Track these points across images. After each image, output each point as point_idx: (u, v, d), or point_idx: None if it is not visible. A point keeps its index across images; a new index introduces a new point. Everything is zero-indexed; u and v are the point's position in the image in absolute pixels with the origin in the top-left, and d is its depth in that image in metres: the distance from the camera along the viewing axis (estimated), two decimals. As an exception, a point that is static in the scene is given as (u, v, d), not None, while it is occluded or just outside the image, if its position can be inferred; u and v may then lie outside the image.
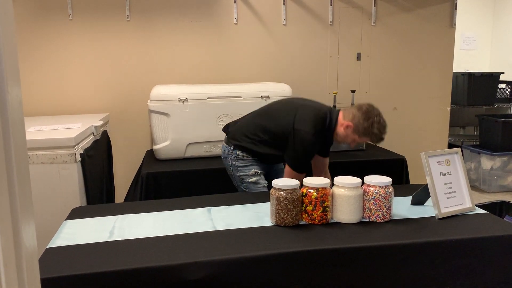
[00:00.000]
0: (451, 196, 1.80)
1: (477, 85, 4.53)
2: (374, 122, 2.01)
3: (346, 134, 2.09)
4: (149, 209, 1.89)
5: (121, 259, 1.42)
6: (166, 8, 3.30)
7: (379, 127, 2.01)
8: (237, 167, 2.27)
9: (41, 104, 3.23)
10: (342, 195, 1.68)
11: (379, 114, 2.05)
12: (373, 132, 2.02)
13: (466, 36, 5.34)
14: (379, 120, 2.02)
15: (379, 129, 2.02)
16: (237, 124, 2.37)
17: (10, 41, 0.58)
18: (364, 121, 2.02)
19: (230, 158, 2.28)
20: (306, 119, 2.11)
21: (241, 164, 2.26)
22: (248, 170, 2.25)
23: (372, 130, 2.01)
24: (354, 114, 2.06)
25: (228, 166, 2.32)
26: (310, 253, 1.47)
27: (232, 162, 2.28)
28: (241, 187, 2.30)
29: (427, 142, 3.80)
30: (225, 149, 2.33)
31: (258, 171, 2.24)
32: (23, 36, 3.14)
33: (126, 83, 3.33)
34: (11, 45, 0.58)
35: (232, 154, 2.27)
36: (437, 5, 3.70)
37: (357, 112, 2.05)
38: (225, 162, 2.34)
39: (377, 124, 2.01)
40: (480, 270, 1.57)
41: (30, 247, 0.60)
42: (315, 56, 3.56)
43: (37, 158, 2.21)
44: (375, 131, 2.01)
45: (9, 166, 0.55)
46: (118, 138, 3.34)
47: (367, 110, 2.04)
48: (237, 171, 2.27)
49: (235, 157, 2.26)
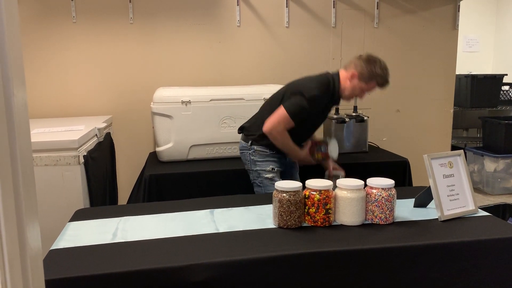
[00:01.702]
0: (454, 199, 1.79)
1: (480, 87, 4.53)
2: (376, 63, 2.12)
3: (353, 85, 2.15)
4: (152, 211, 1.89)
5: (124, 261, 1.42)
6: (169, 10, 3.31)
7: (382, 67, 2.12)
8: (255, 162, 2.31)
9: (45, 106, 3.25)
10: (345, 197, 1.68)
11: (378, 57, 2.17)
12: (378, 73, 2.11)
13: (469, 38, 5.33)
14: (380, 62, 2.14)
15: (382, 69, 2.12)
16: (251, 119, 2.43)
17: (15, 45, 0.58)
18: (367, 65, 2.12)
19: (248, 153, 2.33)
20: (312, 86, 2.19)
21: (259, 159, 2.30)
22: (266, 166, 2.29)
23: (376, 71, 2.10)
24: (355, 63, 2.17)
25: (246, 161, 2.37)
26: (312, 255, 1.47)
27: (250, 156, 2.32)
28: (256, 181, 2.34)
29: (430, 144, 3.80)
30: (242, 145, 2.38)
31: (275, 168, 2.29)
32: (27, 39, 3.16)
33: (129, 85, 3.34)
34: (16, 48, 0.58)
35: (250, 149, 2.32)
36: (440, 7, 3.70)
37: (358, 60, 2.16)
38: (243, 157, 2.39)
39: (379, 64, 2.12)
40: (484, 272, 1.57)
41: (34, 248, 0.61)
42: (318, 58, 3.57)
43: (40, 160, 2.23)
44: (378, 71, 2.11)
45: (14, 168, 0.56)
46: (121, 140, 3.35)
47: (367, 56, 2.16)
48: (255, 166, 2.31)
49: (254, 152, 2.31)
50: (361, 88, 2.15)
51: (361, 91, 2.17)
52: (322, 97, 2.19)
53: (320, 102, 2.20)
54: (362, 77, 2.13)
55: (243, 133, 2.42)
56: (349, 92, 2.20)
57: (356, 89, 2.16)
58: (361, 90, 2.16)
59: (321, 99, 2.19)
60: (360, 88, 2.15)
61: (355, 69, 2.14)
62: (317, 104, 2.21)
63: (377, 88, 2.21)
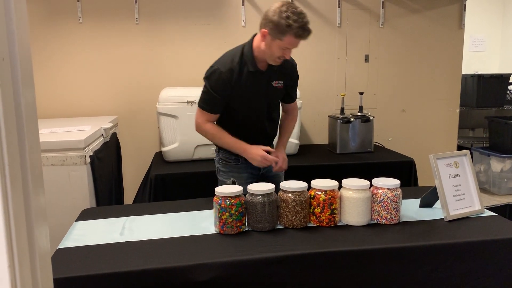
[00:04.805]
0: (460, 199, 1.79)
1: (486, 87, 4.50)
2: (282, 11, 1.79)
3: (269, 46, 1.86)
4: (157, 210, 1.90)
5: (130, 260, 1.43)
6: (174, 11, 3.32)
7: (290, 12, 1.77)
8: (220, 171, 2.17)
9: (51, 106, 3.27)
10: (350, 198, 1.68)
11: (286, 2, 1.83)
12: (288, 23, 1.77)
13: (475, 38, 5.30)
14: (287, 8, 1.79)
15: (292, 14, 1.77)
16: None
17: (24, 46, 0.59)
18: (273, 16, 1.81)
19: (215, 160, 2.20)
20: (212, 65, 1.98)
21: (223, 169, 2.14)
22: (227, 178, 2.10)
23: (288, 22, 1.77)
24: (262, 22, 1.87)
25: (216, 168, 2.22)
26: (318, 255, 1.47)
27: (216, 164, 2.19)
28: None
29: (436, 144, 3.78)
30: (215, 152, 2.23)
31: (236, 182, 1.98)
32: (34, 39, 3.18)
33: (135, 86, 3.35)
34: (25, 50, 0.59)
35: (217, 157, 2.18)
36: (446, 6, 3.69)
37: (264, 16, 1.86)
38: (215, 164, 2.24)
39: (286, 11, 1.77)
40: (489, 273, 1.56)
41: (43, 247, 0.62)
42: (323, 58, 3.56)
43: (47, 160, 2.24)
44: (290, 21, 1.77)
45: (23, 168, 0.56)
46: (127, 140, 3.37)
47: (272, 8, 1.84)
48: (219, 175, 2.17)
49: (219, 159, 2.16)
50: (279, 46, 1.84)
51: (280, 50, 1.86)
52: (226, 72, 1.92)
53: (225, 77, 1.93)
54: (273, 33, 1.82)
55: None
56: (268, 55, 1.90)
57: (273, 50, 1.86)
58: (279, 49, 1.85)
59: (223, 74, 1.92)
60: (278, 47, 1.84)
61: (265, 27, 1.84)
62: (222, 82, 1.93)
63: (297, 40, 1.86)
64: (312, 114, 3.55)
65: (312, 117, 3.57)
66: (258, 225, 1.64)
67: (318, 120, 3.57)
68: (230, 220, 1.61)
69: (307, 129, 3.60)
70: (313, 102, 3.52)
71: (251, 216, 1.65)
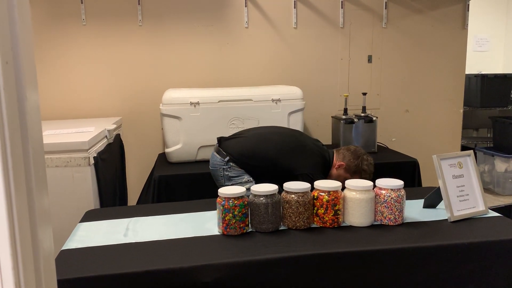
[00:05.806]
0: (463, 199, 1.78)
1: (490, 87, 4.48)
2: (363, 159, 2.22)
3: (339, 174, 2.23)
4: (161, 211, 1.91)
5: (134, 261, 1.43)
6: (177, 12, 3.33)
7: (368, 164, 2.22)
8: (230, 177, 2.26)
9: (55, 108, 3.28)
10: (354, 198, 1.68)
11: (366, 153, 2.27)
12: (363, 169, 2.20)
13: (479, 38, 5.28)
14: (367, 158, 2.24)
15: (368, 165, 2.22)
16: (234, 140, 2.35)
17: (28, 49, 0.59)
18: (354, 159, 2.21)
19: (223, 168, 2.26)
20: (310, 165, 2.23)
21: (234, 174, 2.26)
22: (240, 179, 2.24)
23: (363, 167, 2.20)
24: (344, 154, 2.26)
25: (219, 176, 2.29)
26: (321, 256, 1.47)
27: (224, 172, 2.26)
28: None
29: (440, 145, 3.77)
30: (216, 159, 2.29)
31: (250, 179, 2.23)
32: (38, 41, 3.19)
33: (138, 87, 3.36)
34: (29, 52, 0.59)
35: (226, 165, 2.26)
36: (449, 6, 3.68)
37: (347, 152, 2.26)
38: (215, 172, 2.30)
39: (366, 161, 2.22)
40: (493, 274, 1.56)
41: (47, 248, 0.62)
42: (326, 58, 3.56)
43: (51, 162, 2.25)
44: (365, 167, 2.21)
45: (27, 170, 0.57)
46: (130, 141, 3.38)
47: (355, 150, 2.26)
48: (229, 181, 2.25)
49: (229, 167, 2.25)
50: (345, 177, 2.18)
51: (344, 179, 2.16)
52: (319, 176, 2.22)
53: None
54: (348, 169, 2.22)
55: (221, 148, 2.31)
56: (333, 178, 2.23)
57: (340, 178, 2.18)
58: (345, 178, 2.16)
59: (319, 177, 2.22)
60: (344, 177, 2.18)
61: (343, 161, 2.23)
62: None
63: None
64: (315, 115, 3.55)
65: (315, 117, 3.56)
66: (262, 226, 1.64)
67: (321, 121, 3.57)
68: (234, 221, 1.61)
69: (310, 129, 3.60)
70: (316, 102, 3.52)
71: (255, 217, 1.65)
